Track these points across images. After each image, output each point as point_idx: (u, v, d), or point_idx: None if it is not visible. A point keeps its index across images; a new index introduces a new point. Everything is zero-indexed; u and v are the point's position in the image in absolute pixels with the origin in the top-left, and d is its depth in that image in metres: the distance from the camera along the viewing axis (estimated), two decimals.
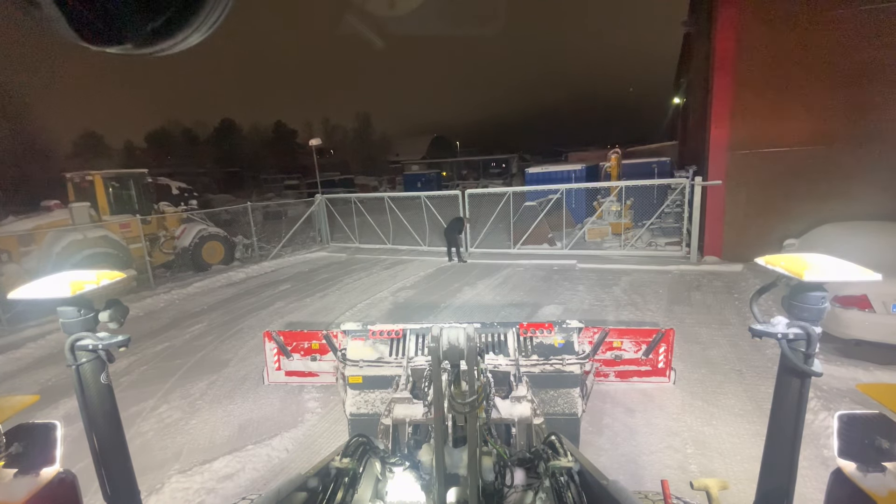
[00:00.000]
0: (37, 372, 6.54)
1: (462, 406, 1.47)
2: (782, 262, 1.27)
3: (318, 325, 7.30)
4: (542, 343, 3.43)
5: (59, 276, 1.31)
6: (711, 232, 10.11)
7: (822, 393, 4.53)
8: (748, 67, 9.20)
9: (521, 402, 2.65)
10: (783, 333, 1.28)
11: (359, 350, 3.51)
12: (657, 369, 3.88)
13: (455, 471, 1.61)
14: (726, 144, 9.66)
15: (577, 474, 1.59)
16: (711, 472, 3.57)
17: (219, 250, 12.88)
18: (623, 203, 12.34)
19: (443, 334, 1.45)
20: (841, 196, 8.55)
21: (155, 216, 12.25)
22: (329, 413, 4.81)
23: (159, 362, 6.53)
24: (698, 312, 7.16)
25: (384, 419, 2.62)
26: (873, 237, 6.11)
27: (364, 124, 70.46)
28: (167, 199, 14.11)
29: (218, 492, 3.70)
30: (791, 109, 8.96)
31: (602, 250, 11.72)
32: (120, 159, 46.26)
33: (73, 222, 10.24)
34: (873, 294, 4.91)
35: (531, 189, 13.79)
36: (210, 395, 5.43)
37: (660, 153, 20.64)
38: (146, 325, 8.28)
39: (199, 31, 0.48)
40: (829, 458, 3.57)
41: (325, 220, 15.50)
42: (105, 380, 1.36)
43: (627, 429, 4.23)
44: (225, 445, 4.36)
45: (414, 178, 37.77)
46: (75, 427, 4.05)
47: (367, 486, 1.72)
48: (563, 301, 8.07)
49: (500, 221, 13.19)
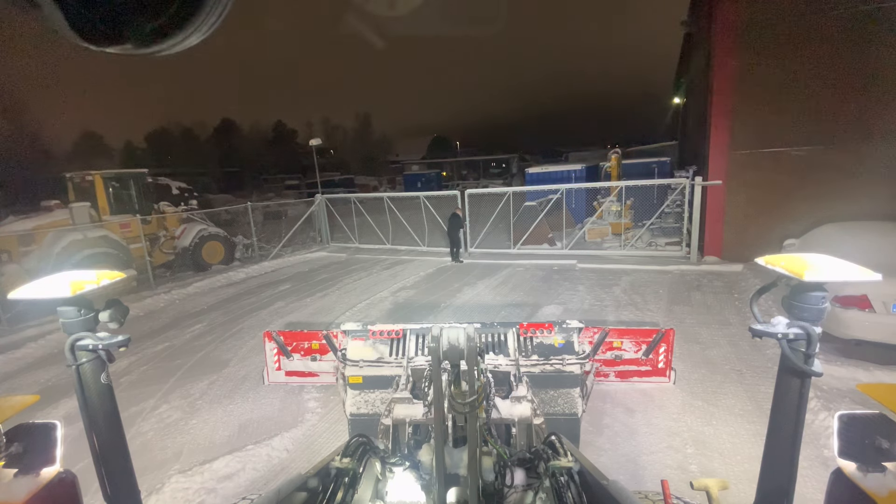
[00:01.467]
0: (37, 372, 6.54)
1: (462, 406, 1.47)
2: (782, 263, 1.27)
3: (318, 326, 7.31)
4: (543, 343, 3.43)
5: (59, 276, 1.31)
6: (711, 232, 10.11)
7: (822, 393, 4.53)
8: (748, 67, 9.20)
9: (521, 402, 2.65)
10: (783, 333, 1.28)
11: (359, 350, 3.51)
12: (657, 369, 3.88)
13: (455, 471, 1.61)
14: (726, 144, 9.66)
15: (577, 474, 1.59)
16: (711, 472, 3.57)
17: (219, 250, 12.88)
18: (623, 203, 12.34)
19: (443, 334, 1.45)
20: (841, 196, 8.55)
21: (155, 216, 12.25)
22: (329, 413, 4.81)
23: (159, 362, 6.53)
24: (698, 312, 7.16)
25: (384, 419, 2.62)
26: (873, 237, 6.11)
27: (364, 124, 70.64)
28: (167, 199, 14.12)
29: (218, 492, 3.70)
30: (791, 109, 8.96)
31: (602, 250, 11.72)
32: (120, 159, 46.35)
33: (73, 222, 10.25)
34: (873, 294, 4.91)
35: (531, 189, 13.79)
36: (210, 394, 5.43)
37: (660, 153, 20.63)
38: (146, 325, 8.28)
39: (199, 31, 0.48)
40: (829, 458, 3.57)
41: (325, 220, 15.50)
42: (105, 380, 1.36)
43: (627, 429, 4.23)
44: (225, 445, 4.36)
45: (414, 177, 37.78)
46: (75, 427, 4.05)
47: (367, 486, 1.72)
48: (564, 301, 8.07)
49: (499, 221, 13.18)
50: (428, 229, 13.54)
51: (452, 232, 11.79)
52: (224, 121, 60.79)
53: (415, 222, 13.95)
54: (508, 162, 51.50)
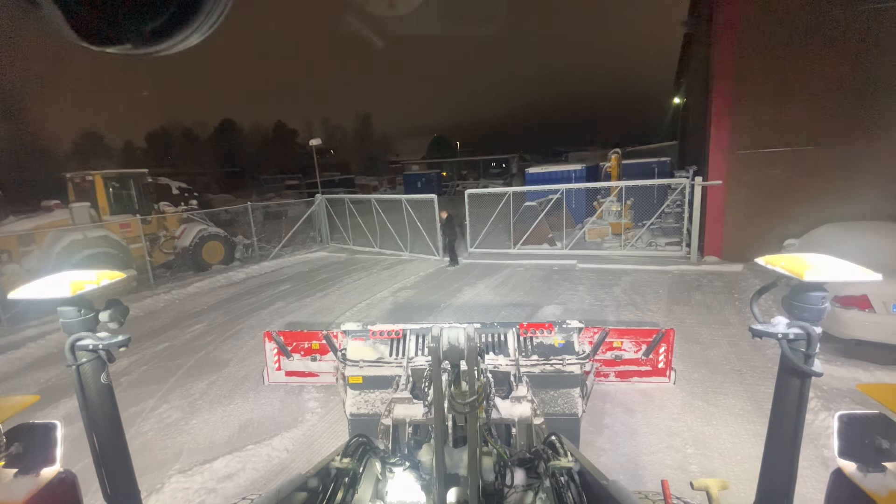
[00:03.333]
0: (37, 372, 6.54)
1: (462, 406, 1.47)
2: (782, 263, 1.27)
3: (319, 326, 7.31)
4: (543, 343, 3.43)
5: (59, 276, 1.31)
6: (711, 232, 10.11)
7: (822, 393, 4.53)
8: (748, 67, 9.20)
9: (521, 403, 2.65)
10: (783, 333, 1.28)
11: (359, 350, 3.51)
12: (657, 369, 3.88)
13: (455, 471, 1.61)
14: (726, 144, 9.66)
15: (577, 474, 1.59)
16: (711, 472, 3.57)
17: (219, 250, 12.88)
18: (623, 203, 12.34)
19: (443, 334, 1.45)
20: (841, 196, 8.55)
21: (155, 216, 12.25)
22: (329, 413, 4.81)
23: (159, 362, 6.53)
24: (698, 312, 7.16)
25: (384, 419, 2.62)
26: (873, 237, 6.11)
27: (364, 124, 70.63)
28: (167, 199, 14.13)
29: (218, 492, 3.71)
30: (791, 109, 8.96)
31: (602, 250, 11.72)
32: (120, 159, 46.31)
33: (73, 222, 10.25)
34: (873, 294, 4.91)
35: (531, 189, 13.76)
36: (210, 394, 5.43)
37: (660, 153, 20.63)
38: (146, 325, 8.28)
39: (199, 31, 0.48)
40: (829, 458, 3.57)
41: (325, 221, 15.50)
42: (105, 380, 1.37)
43: (627, 429, 4.23)
44: (225, 445, 4.36)
45: (414, 178, 37.68)
46: (75, 427, 4.05)
47: (367, 486, 1.72)
48: (564, 301, 8.07)
49: (499, 221, 13.14)
50: (411, 234, 13.02)
51: (447, 236, 11.55)
52: (224, 121, 60.78)
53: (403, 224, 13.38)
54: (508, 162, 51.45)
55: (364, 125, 70.58)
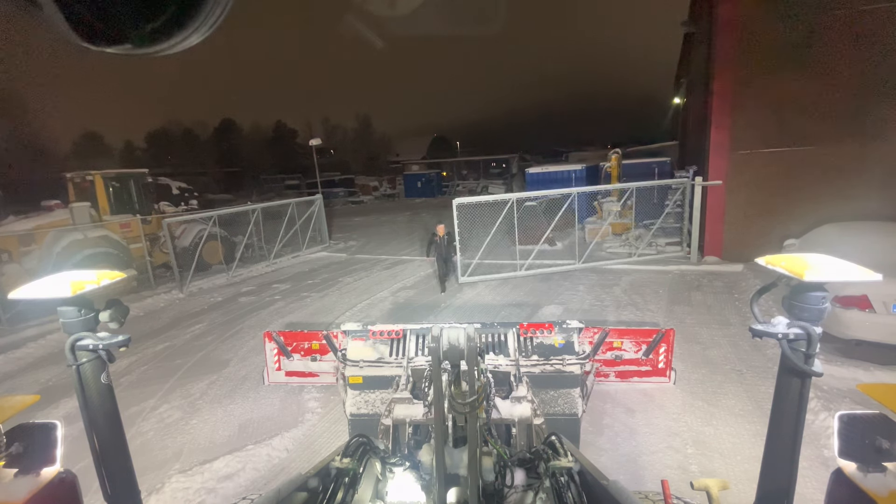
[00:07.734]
0: (37, 372, 6.54)
1: (462, 406, 1.47)
2: (783, 263, 1.27)
3: (319, 326, 7.31)
4: (543, 343, 3.43)
5: (59, 276, 1.31)
6: (712, 232, 10.11)
7: (822, 393, 4.53)
8: (748, 68, 9.20)
9: (521, 403, 2.65)
10: (783, 333, 1.28)
11: (359, 350, 3.51)
12: (657, 369, 3.88)
13: (455, 471, 1.61)
14: (726, 144, 9.66)
15: (577, 474, 1.59)
16: (712, 473, 3.57)
17: (219, 250, 12.87)
18: (624, 204, 12.32)
19: (443, 334, 1.45)
20: (841, 196, 8.54)
21: (155, 216, 12.24)
22: (329, 413, 4.81)
23: (159, 362, 6.53)
24: (698, 312, 7.15)
25: (384, 419, 2.62)
26: (873, 237, 6.11)
27: (364, 124, 70.54)
28: (167, 199, 14.11)
29: (218, 492, 3.71)
30: (791, 109, 8.96)
31: (614, 264, 10.57)
32: (120, 159, 46.31)
33: (73, 222, 10.25)
34: (873, 294, 4.91)
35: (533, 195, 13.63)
36: (210, 394, 5.43)
37: (660, 153, 20.63)
38: (146, 325, 8.28)
39: (199, 31, 0.48)
40: (829, 458, 3.57)
41: (325, 221, 15.50)
42: (105, 380, 1.37)
43: (628, 429, 4.23)
44: (225, 445, 4.36)
45: (414, 177, 37.64)
46: (75, 427, 4.05)
47: (367, 486, 1.73)
48: (564, 301, 8.07)
49: (498, 232, 10.89)
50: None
51: (437, 259, 9.27)
52: (224, 121, 60.71)
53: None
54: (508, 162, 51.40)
55: (364, 125, 70.54)
